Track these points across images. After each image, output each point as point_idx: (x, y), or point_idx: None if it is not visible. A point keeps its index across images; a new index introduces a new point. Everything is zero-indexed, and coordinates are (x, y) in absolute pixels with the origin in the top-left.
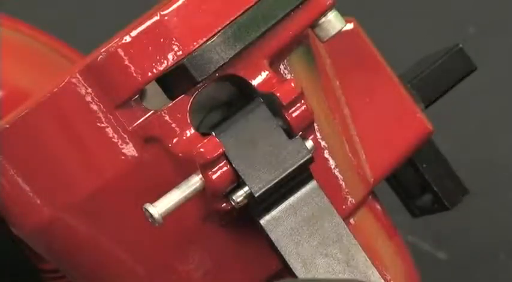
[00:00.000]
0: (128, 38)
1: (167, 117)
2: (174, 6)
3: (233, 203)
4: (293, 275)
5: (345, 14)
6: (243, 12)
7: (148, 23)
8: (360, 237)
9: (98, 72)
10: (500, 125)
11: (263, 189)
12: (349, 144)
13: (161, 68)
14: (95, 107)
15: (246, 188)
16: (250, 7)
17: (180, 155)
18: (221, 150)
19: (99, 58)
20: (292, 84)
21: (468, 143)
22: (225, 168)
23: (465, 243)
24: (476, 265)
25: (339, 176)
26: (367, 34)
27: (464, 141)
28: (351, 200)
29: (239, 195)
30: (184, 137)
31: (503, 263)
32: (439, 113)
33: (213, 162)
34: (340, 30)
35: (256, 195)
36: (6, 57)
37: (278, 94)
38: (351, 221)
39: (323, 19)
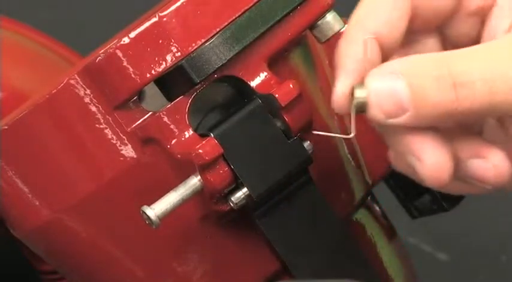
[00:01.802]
0: (126, 40)
1: (166, 119)
2: (173, 7)
3: (232, 204)
4: (292, 276)
5: (343, 15)
6: (242, 13)
7: (147, 24)
8: (359, 238)
9: (96, 74)
10: None
11: (261, 191)
12: (348, 145)
13: (160, 70)
14: (93, 108)
15: (245, 189)
16: (249, 8)
17: (179, 156)
18: (219, 151)
19: (97, 59)
20: (291, 86)
21: None
22: (223, 170)
23: (466, 244)
24: (477, 266)
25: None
26: None
27: None
28: (350, 201)
29: (238, 197)
30: (182, 138)
31: (504, 264)
32: None
33: (212, 164)
34: (338, 31)
35: (254, 196)
36: (6, 58)
37: (276, 95)
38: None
39: (321, 20)
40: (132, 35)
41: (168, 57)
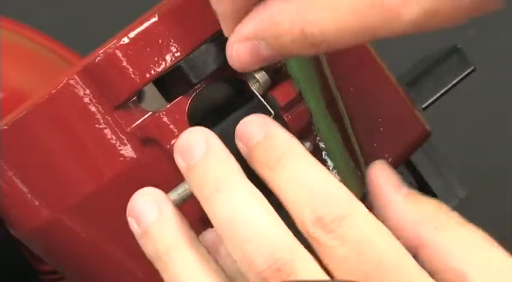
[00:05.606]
0: (126, 39)
1: (165, 119)
2: (173, 7)
3: None
4: None
5: None
6: None
7: (147, 24)
8: None
9: (96, 74)
10: (499, 126)
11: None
12: (347, 145)
13: (159, 70)
14: (93, 109)
15: None
16: None
17: None
18: None
19: (97, 59)
20: (290, 86)
21: (467, 144)
22: None
23: None
24: None
25: (337, 177)
26: None
27: (463, 142)
28: None
29: None
30: None
31: None
32: (438, 114)
33: None
34: None
35: None
36: (6, 59)
37: (276, 95)
38: None
39: None
40: (132, 35)
41: (168, 57)
